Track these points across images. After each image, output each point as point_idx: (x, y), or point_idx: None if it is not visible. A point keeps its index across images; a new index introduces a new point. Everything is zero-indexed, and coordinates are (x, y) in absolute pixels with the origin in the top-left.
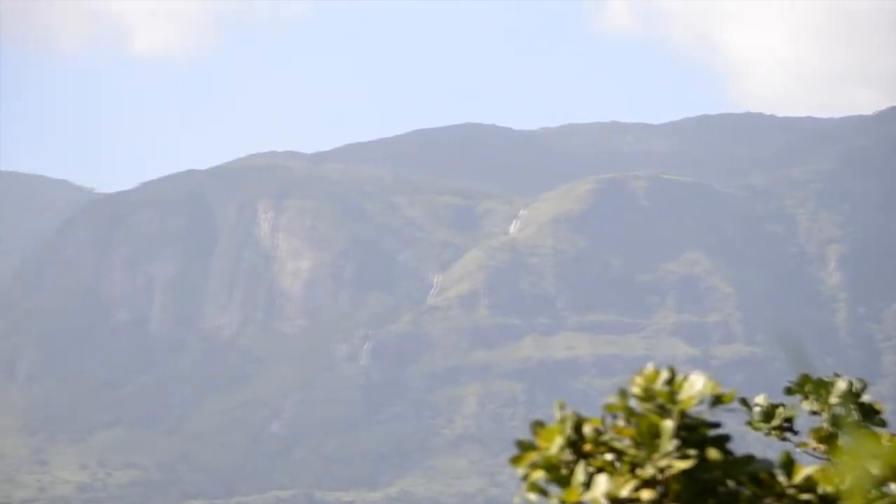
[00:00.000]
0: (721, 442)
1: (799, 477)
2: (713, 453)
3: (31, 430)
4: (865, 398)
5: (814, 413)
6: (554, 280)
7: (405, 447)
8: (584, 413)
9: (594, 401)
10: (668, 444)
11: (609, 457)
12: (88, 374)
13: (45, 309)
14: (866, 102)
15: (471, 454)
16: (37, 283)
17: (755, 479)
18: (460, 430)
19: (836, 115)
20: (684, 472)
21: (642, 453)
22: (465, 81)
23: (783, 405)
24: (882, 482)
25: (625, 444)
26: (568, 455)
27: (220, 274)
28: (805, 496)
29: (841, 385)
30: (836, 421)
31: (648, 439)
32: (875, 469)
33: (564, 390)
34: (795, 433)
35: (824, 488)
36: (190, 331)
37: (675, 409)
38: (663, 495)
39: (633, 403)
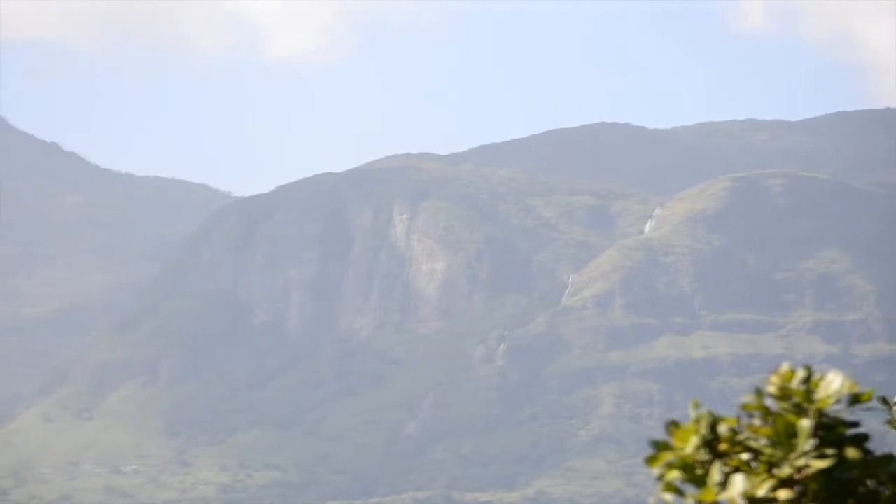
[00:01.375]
0: (860, 441)
1: None
2: (852, 452)
3: (174, 431)
4: None
5: None
6: (690, 279)
7: (542, 448)
8: (722, 413)
9: (731, 400)
10: (806, 443)
11: (745, 456)
12: (229, 376)
13: (185, 312)
14: None
15: (608, 455)
16: (177, 287)
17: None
18: (597, 431)
19: None
20: (822, 472)
21: (779, 453)
22: (600, 81)
23: None
24: None
25: (761, 443)
26: (703, 455)
27: (355, 276)
28: None
29: None
30: None
31: (785, 438)
32: None
33: (701, 390)
34: None
35: None
36: (327, 333)
37: (812, 408)
38: (801, 495)
39: (770, 402)
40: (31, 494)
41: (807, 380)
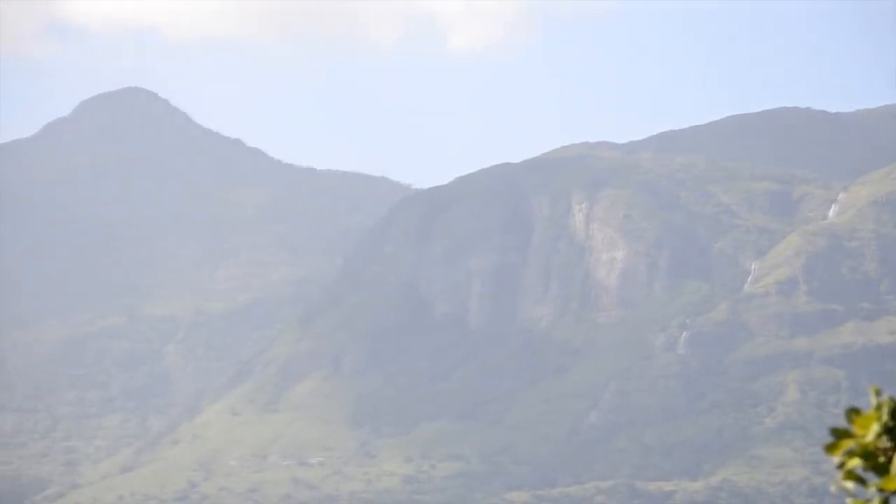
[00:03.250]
0: None
1: None
2: None
3: (358, 423)
4: None
5: None
6: (876, 264)
7: (726, 437)
8: None
9: None
10: None
11: None
12: (411, 368)
13: (367, 304)
14: None
15: (794, 443)
16: (359, 279)
17: None
18: (782, 419)
19: None
20: None
21: None
22: (780, 65)
23: None
24: None
25: None
26: (885, 442)
27: (535, 266)
28: None
29: None
30: None
31: None
32: None
33: (889, 376)
34: None
35: None
36: (508, 323)
37: None
38: None
39: None
40: (220, 486)
41: None
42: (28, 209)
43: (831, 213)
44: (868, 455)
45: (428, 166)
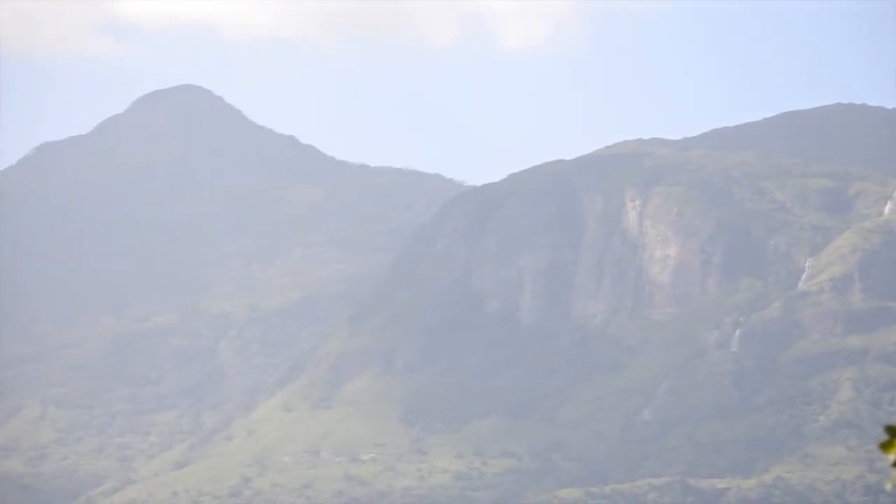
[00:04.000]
0: None
1: None
2: None
3: (410, 420)
4: None
5: None
6: None
7: (779, 434)
8: None
9: None
10: None
11: None
12: (463, 364)
13: (419, 301)
14: None
15: (847, 441)
16: (411, 276)
17: None
18: (836, 417)
19: None
20: None
21: None
22: (835, 61)
23: None
24: None
25: None
26: None
27: (588, 263)
28: None
29: None
30: None
31: None
32: None
33: None
34: None
35: None
36: (560, 320)
37: None
38: None
39: None
40: (274, 482)
41: None
42: (83, 206)
43: (887, 209)
44: None
45: (480, 163)
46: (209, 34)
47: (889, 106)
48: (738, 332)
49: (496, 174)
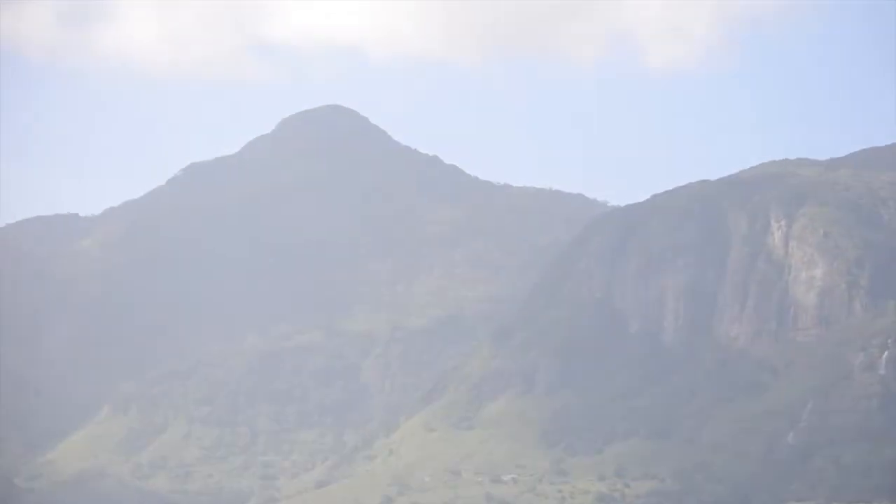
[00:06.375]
0: None
1: None
2: None
3: (551, 441)
4: None
5: None
6: None
7: None
8: None
9: None
10: None
11: None
12: (604, 385)
13: (561, 321)
14: None
15: None
16: (553, 296)
17: None
18: None
19: None
20: None
21: None
22: None
23: None
24: None
25: None
26: None
27: (732, 283)
28: None
29: None
30: None
31: None
32: None
33: None
34: None
35: None
36: (703, 341)
37: None
38: None
39: None
40: (414, 502)
41: None
42: (229, 225)
43: None
44: None
45: (623, 184)
46: (355, 55)
47: None
48: (885, 354)
49: (639, 195)
